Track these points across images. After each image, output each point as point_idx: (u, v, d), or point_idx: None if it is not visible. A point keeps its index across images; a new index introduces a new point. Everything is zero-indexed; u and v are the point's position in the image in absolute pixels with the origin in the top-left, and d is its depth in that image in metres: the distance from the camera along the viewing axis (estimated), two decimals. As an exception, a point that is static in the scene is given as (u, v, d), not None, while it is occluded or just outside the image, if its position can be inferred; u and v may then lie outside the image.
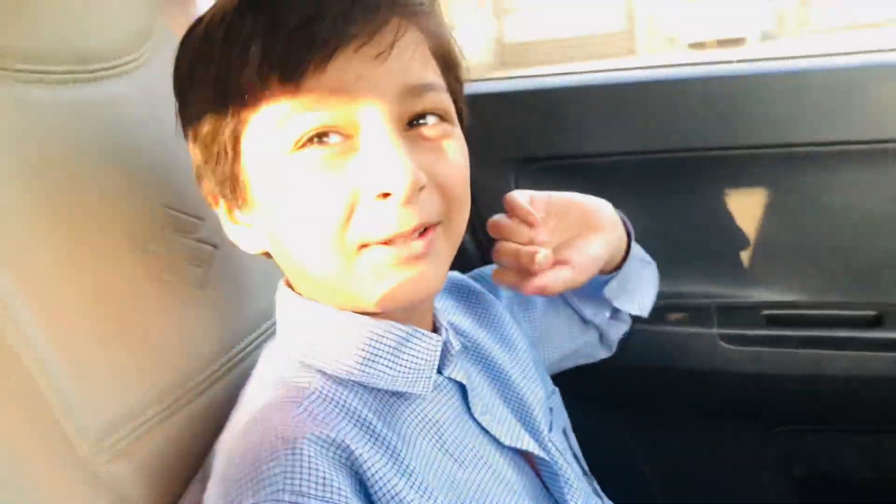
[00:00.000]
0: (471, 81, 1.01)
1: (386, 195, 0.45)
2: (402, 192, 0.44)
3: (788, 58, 0.92)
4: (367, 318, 0.51)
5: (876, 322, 0.91)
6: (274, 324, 0.69)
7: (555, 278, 0.59)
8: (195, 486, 0.54)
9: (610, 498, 0.68)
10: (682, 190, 0.97)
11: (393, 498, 0.45)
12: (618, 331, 0.79)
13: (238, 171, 0.49)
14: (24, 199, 0.50)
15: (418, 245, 0.47)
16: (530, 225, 0.60)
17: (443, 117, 0.49)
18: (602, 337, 0.79)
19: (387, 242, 0.46)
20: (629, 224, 0.72)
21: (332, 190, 0.45)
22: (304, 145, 0.45)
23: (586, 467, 0.67)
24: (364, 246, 0.47)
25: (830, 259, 0.92)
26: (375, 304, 0.48)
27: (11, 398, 0.47)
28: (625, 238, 0.70)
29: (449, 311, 0.65)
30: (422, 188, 0.46)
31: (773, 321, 0.94)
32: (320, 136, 0.45)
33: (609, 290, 0.71)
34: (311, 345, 0.51)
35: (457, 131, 0.51)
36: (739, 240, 0.97)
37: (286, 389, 0.49)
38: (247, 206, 0.50)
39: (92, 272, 0.53)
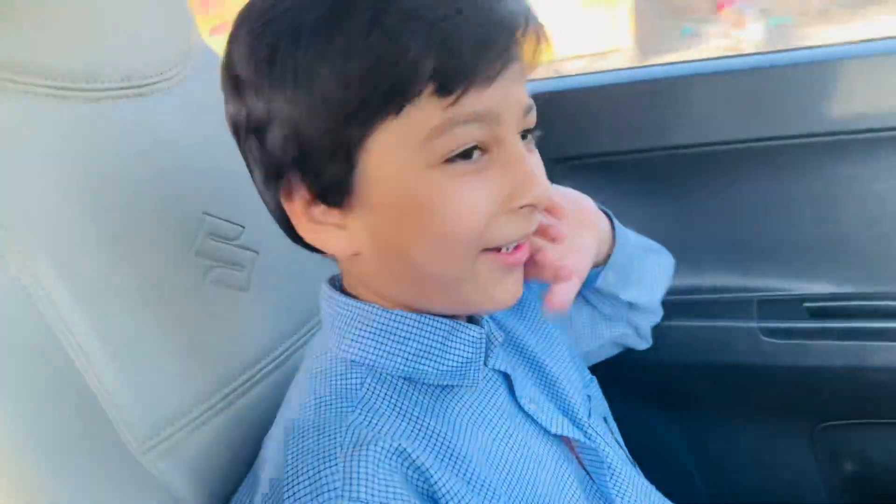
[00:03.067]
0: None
1: (531, 206, 0.49)
2: (543, 203, 0.49)
3: (824, 46, 0.91)
4: (414, 314, 0.52)
5: (922, 311, 0.89)
6: (315, 325, 0.71)
7: (568, 295, 0.60)
8: (245, 489, 0.56)
9: (652, 491, 0.68)
10: (718, 184, 0.97)
11: (453, 498, 0.46)
12: (647, 321, 0.80)
13: (351, 175, 0.46)
14: (76, 211, 0.53)
15: (524, 252, 0.51)
16: (557, 216, 0.61)
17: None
18: (637, 330, 0.79)
19: (497, 249, 0.49)
20: (611, 214, 0.72)
21: (478, 201, 0.47)
22: (451, 160, 0.46)
23: (630, 456, 0.68)
24: (484, 251, 0.49)
25: (871, 248, 0.91)
26: (492, 306, 0.52)
27: (64, 398, 0.49)
28: (608, 229, 0.71)
29: None
30: None
31: (815, 313, 0.93)
32: (467, 151, 0.46)
33: (607, 284, 0.71)
34: (360, 343, 0.52)
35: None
36: (779, 232, 0.96)
37: (339, 391, 0.50)
38: (348, 209, 0.48)
39: (140, 278, 0.55)
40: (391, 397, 0.50)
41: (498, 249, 0.49)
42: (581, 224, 0.65)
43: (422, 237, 0.48)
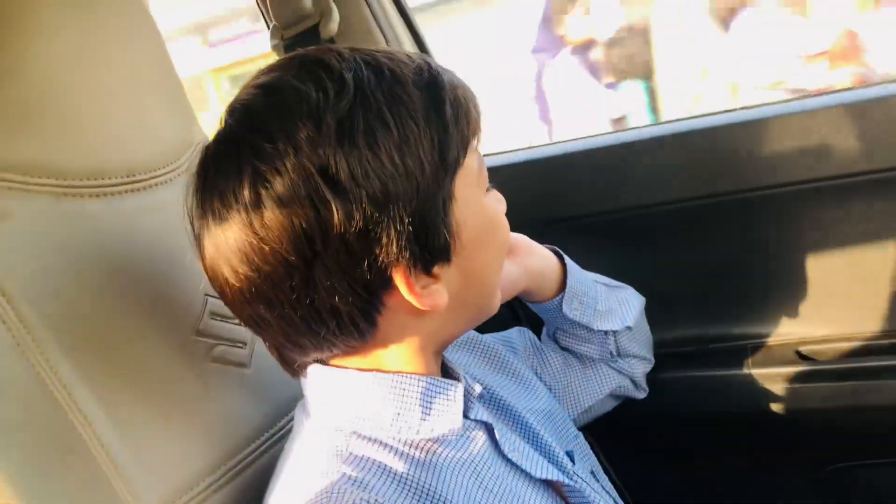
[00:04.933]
0: (493, 154, 1.07)
1: None
2: None
3: (792, 100, 0.95)
4: (390, 374, 0.55)
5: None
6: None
7: None
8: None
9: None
10: (699, 236, 1.00)
11: None
12: (641, 368, 0.84)
13: (449, 223, 0.52)
14: (85, 296, 0.58)
15: None
16: None
17: None
18: (633, 379, 0.82)
19: None
20: (560, 252, 0.79)
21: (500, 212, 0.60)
22: (487, 186, 0.58)
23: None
24: None
25: (854, 289, 0.93)
26: (496, 308, 0.61)
27: (77, 477, 0.52)
28: (553, 267, 0.78)
29: (463, 364, 0.70)
30: None
31: (807, 357, 0.94)
32: None
33: (573, 312, 0.77)
34: (344, 410, 0.55)
35: None
36: (765, 279, 0.98)
37: (325, 457, 0.53)
38: (446, 259, 0.52)
39: (146, 358, 0.59)
40: (377, 459, 0.53)
41: None
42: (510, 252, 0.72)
43: (492, 252, 0.58)
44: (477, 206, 0.55)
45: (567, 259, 0.79)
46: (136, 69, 0.70)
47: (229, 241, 0.48)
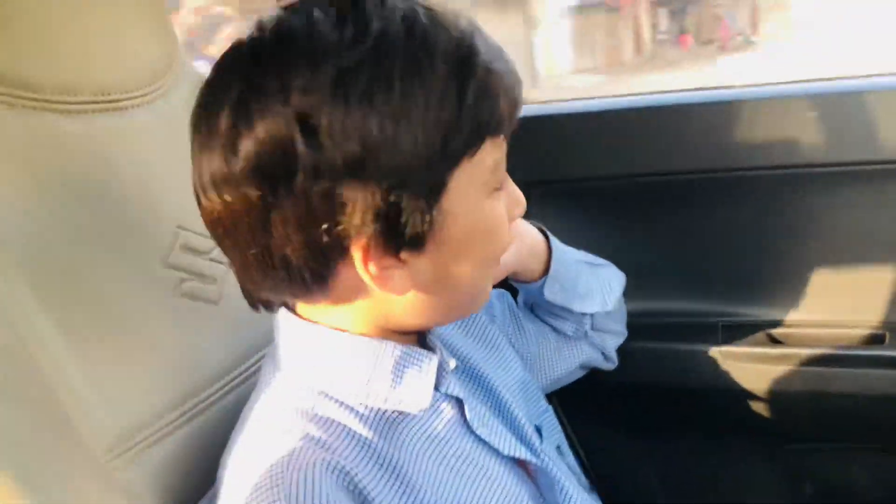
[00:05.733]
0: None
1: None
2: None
3: (781, 83, 0.95)
4: (368, 338, 0.53)
5: (878, 340, 0.92)
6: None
7: None
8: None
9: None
10: (686, 211, 0.99)
11: None
12: (613, 342, 0.83)
13: (431, 213, 0.47)
14: (50, 221, 0.55)
15: None
16: None
17: None
18: (603, 351, 0.81)
19: None
20: (546, 231, 0.77)
21: (505, 218, 0.54)
22: (498, 188, 0.52)
23: (586, 482, 0.69)
24: None
25: (831, 278, 0.94)
26: (481, 308, 0.58)
27: (34, 406, 0.50)
28: (540, 249, 0.76)
29: (442, 332, 0.68)
30: None
31: (777, 339, 0.95)
32: None
33: (554, 295, 0.75)
34: (314, 368, 0.53)
35: None
36: (744, 259, 0.98)
37: (290, 415, 0.51)
38: (416, 247, 0.49)
39: (112, 288, 0.56)
40: (342, 422, 0.51)
41: None
42: None
43: (479, 259, 0.53)
44: (476, 205, 0.50)
45: (553, 240, 0.77)
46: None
47: (205, 165, 0.47)
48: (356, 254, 0.47)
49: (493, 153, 0.50)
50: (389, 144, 0.44)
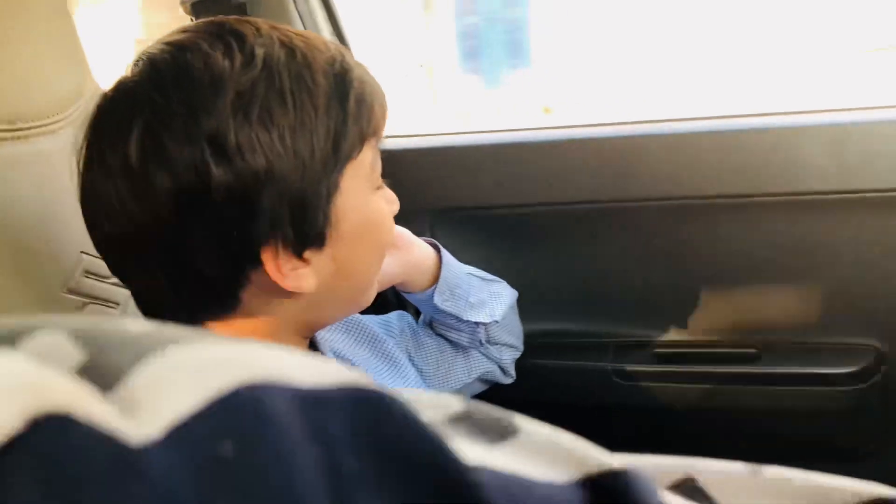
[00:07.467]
0: (394, 137, 1.09)
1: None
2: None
3: (672, 120, 1.02)
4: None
5: (756, 358, 1.00)
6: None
7: None
8: None
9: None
10: (582, 238, 1.06)
11: None
12: (509, 355, 0.89)
13: (329, 212, 0.53)
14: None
15: None
16: None
17: None
18: (500, 365, 0.87)
19: None
20: (438, 245, 0.82)
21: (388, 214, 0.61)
22: (379, 186, 0.59)
23: None
24: None
25: (713, 301, 1.02)
26: (369, 301, 0.63)
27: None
28: (430, 260, 0.80)
29: (336, 343, 0.72)
30: None
31: (663, 358, 1.03)
32: None
33: (444, 303, 0.80)
34: None
35: None
36: (636, 283, 1.05)
37: None
38: (319, 245, 0.54)
39: (9, 313, 0.58)
40: None
41: None
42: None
43: (371, 250, 0.59)
44: (362, 201, 0.57)
45: (444, 252, 0.82)
46: (28, 16, 0.67)
47: (111, 190, 0.49)
48: (267, 259, 0.51)
49: (371, 154, 0.57)
50: (290, 154, 0.49)
